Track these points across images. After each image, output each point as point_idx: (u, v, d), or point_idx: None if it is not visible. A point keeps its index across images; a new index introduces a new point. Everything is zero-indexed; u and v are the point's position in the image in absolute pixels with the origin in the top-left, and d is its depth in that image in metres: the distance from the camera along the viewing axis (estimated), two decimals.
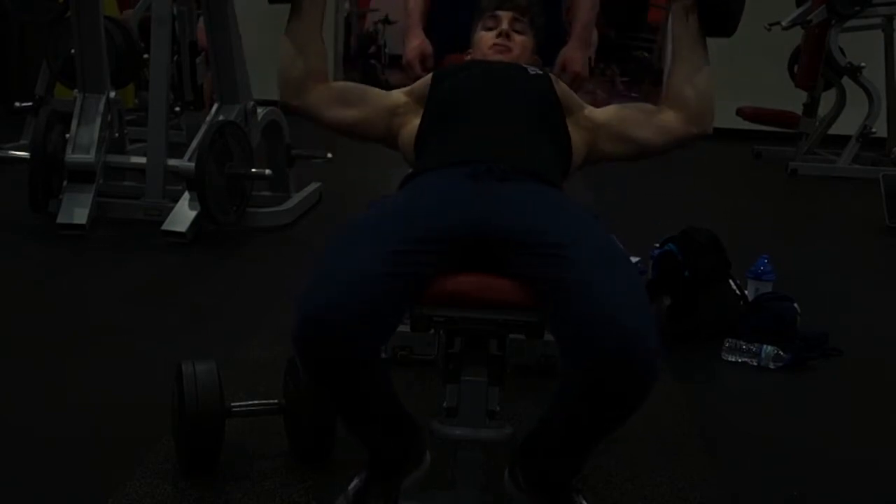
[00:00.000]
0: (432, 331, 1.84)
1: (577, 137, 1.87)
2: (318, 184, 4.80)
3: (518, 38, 2.03)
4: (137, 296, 3.18)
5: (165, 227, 3.83)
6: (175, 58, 4.67)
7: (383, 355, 2.41)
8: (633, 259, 3.16)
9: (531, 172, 1.71)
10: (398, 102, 1.93)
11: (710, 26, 1.73)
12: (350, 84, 1.95)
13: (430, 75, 1.96)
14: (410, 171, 1.84)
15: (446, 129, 1.82)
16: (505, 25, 2.03)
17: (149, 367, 2.45)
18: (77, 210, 3.88)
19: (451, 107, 1.85)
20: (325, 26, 1.96)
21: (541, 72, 1.95)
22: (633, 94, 7.28)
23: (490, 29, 2.05)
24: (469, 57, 2.10)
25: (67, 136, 4.00)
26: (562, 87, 1.93)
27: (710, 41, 1.86)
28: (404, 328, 1.70)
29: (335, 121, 1.91)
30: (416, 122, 1.88)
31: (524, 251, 1.53)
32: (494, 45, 2.02)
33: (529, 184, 1.68)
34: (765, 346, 2.76)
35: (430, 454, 1.71)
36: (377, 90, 1.98)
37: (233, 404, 1.98)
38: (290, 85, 1.90)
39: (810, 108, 6.83)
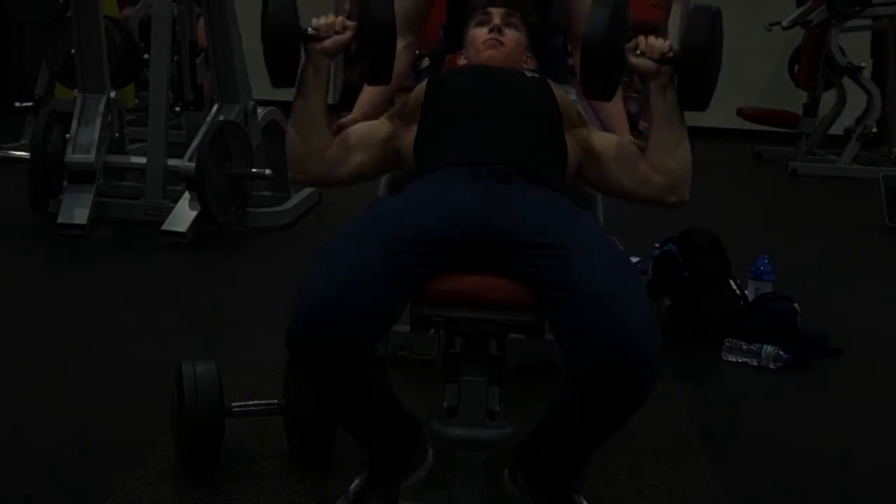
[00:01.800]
0: (432, 331, 1.84)
1: (572, 149, 1.87)
2: None
3: (511, 34, 2.02)
4: (137, 296, 3.18)
5: (165, 227, 3.83)
6: (175, 58, 4.67)
7: (382, 351, 2.43)
8: (634, 259, 3.16)
9: (532, 174, 1.71)
10: (388, 129, 1.92)
11: (686, 102, 1.77)
12: (343, 134, 1.95)
13: (423, 83, 1.96)
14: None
15: (446, 132, 1.82)
16: (497, 21, 2.02)
17: (149, 367, 2.46)
18: (77, 210, 3.88)
19: (450, 110, 1.85)
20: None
21: (538, 75, 1.95)
22: (633, 95, 7.30)
23: (482, 24, 2.04)
24: (463, 57, 2.09)
25: (67, 136, 4.00)
26: (560, 94, 1.92)
27: None
28: (404, 328, 1.71)
29: (346, 175, 1.92)
30: (413, 132, 1.87)
31: (525, 252, 1.54)
32: (486, 41, 2.00)
33: (530, 185, 1.68)
34: (765, 346, 2.76)
35: (432, 454, 1.70)
36: (367, 127, 1.96)
37: (233, 404, 1.98)
38: (295, 162, 1.91)
39: (810, 108, 6.83)
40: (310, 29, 1.82)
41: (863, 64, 6.54)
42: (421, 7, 2.23)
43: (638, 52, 1.78)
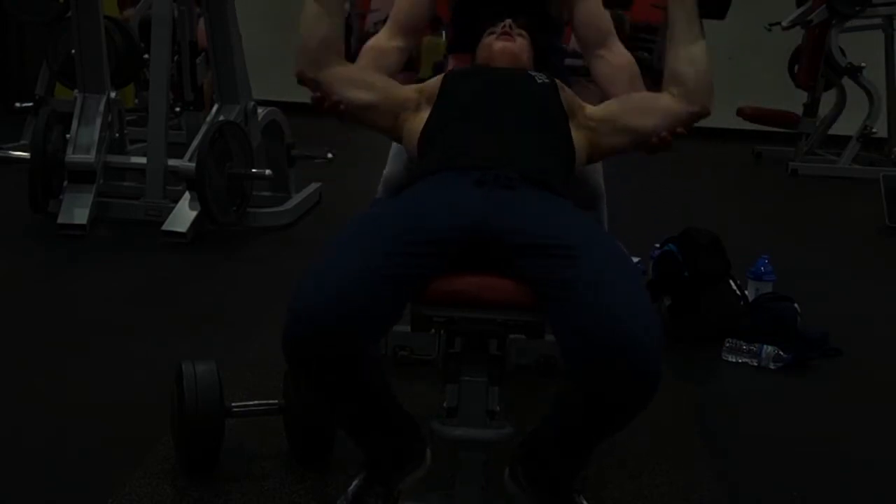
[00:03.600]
0: (432, 331, 1.84)
1: (579, 140, 1.88)
2: (318, 184, 4.81)
3: (519, 39, 2.06)
4: (137, 296, 3.18)
5: (166, 227, 3.84)
6: (175, 58, 4.68)
7: (382, 351, 2.43)
8: (634, 259, 3.16)
9: (536, 180, 1.71)
10: (409, 96, 1.93)
11: (705, 7, 1.77)
12: (367, 69, 1.95)
13: (440, 76, 1.97)
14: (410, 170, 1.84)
15: (453, 133, 1.82)
16: (507, 22, 2.06)
17: (149, 367, 2.46)
18: (77, 210, 3.89)
19: (459, 111, 1.86)
20: None
21: (547, 80, 1.95)
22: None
23: (493, 34, 2.07)
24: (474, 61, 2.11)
25: (67, 136, 4.01)
26: (566, 94, 1.93)
27: (711, 40, 1.87)
28: (404, 328, 1.71)
29: (349, 101, 1.88)
30: (423, 118, 1.88)
31: (525, 252, 1.54)
32: (500, 35, 2.03)
33: (534, 191, 1.68)
34: (765, 346, 2.76)
35: (431, 454, 1.70)
36: (391, 80, 1.98)
37: (233, 404, 1.98)
38: (308, 55, 1.86)
39: (810, 108, 6.83)
40: None
41: (863, 64, 6.54)
42: (418, 13, 2.21)
43: None
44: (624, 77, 2.08)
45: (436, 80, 1.95)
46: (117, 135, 4.28)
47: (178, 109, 5.13)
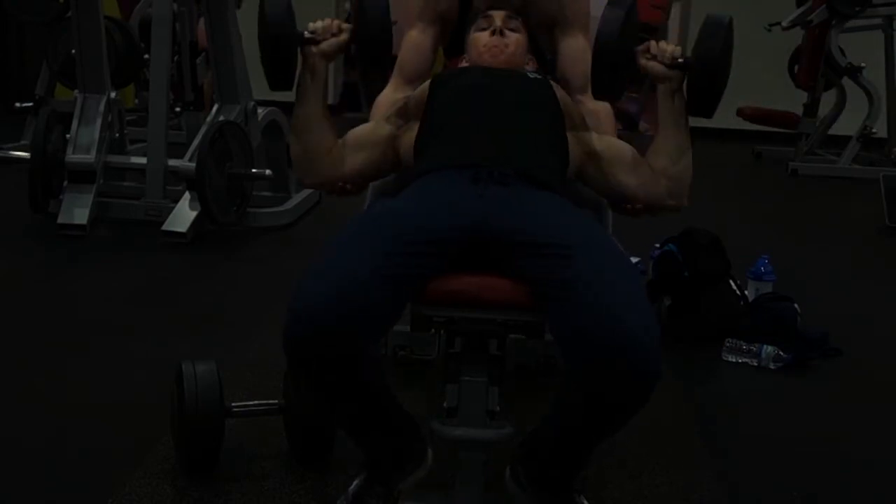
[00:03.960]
0: (432, 331, 1.84)
1: (574, 150, 1.87)
2: None
3: (512, 35, 2.02)
4: (138, 296, 3.18)
5: (166, 227, 3.84)
6: (175, 58, 4.67)
7: (382, 351, 2.43)
8: (634, 259, 3.16)
9: (532, 176, 1.71)
10: (388, 129, 1.93)
11: (694, 108, 1.79)
12: (349, 134, 1.96)
13: (427, 82, 1.96)
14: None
15: (447, 132, 1.82)
16: (498, 23, 2.02)
17: (149, 367, 2.45)
18: (77, 210, 3.89)
19: (452, 110, 1.85)
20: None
21: (541, 76, 1.95)
22: (633, 95, 7.31)
23: (483, 29, 2.04)
24: (464, 60, 2.09)
25: (67, 136, 4.01)
26: (562, 94, 1.92)
27: None
28: (404, 328, 1.71)
29: (350, 177, 1.93)
30: (414, 131, 1.88)
31: (524, 251, 1.54)
32: (488, 44, 2.00)
33: (530, 188, 1.68)
34: (765, 346, 2.76)
35: (432, 454, 1.70)
36: (368, 126, 1.98)
37: (233, 404, 1.98)
38: (301, 166, 1.94)
39: (810, 108, 6.83)
40: (306, 33, 1.82)
41: (863, 64, 6.53)
42: (423, 62, 2.17)
43: (649, 55, 1.79)
44: (600, 126, 2.03)
45: (422, 89, 1.93)
46: (117, 135, 4.27)
47: (178, 109, 5.12)
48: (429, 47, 2.17)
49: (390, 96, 2.12)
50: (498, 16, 2.03)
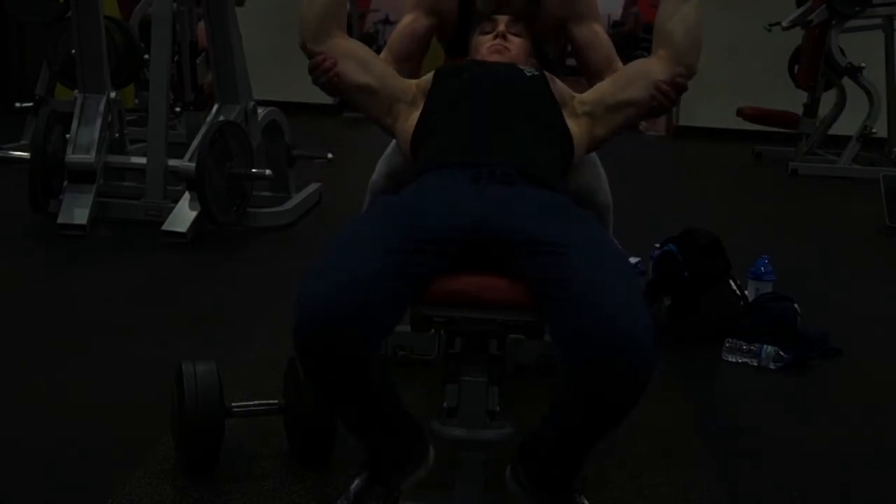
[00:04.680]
0: (432, 331, 1.84)
1: (576, 129, 1.88)
2: (318, 184, 4.81)
3: (515, 39, 2.03)
4: (137, 296, 3.18)
5: (166, 227, 3.83)
6: (175, 58, 4.67)
7: (383, 352, 2.43)
8: (633, 259, 3.17)
9: (532, 175, 1.71)
10: (406, 89, 1.93)
11: None
12: (369, 51, 1.94)
13: (432, 73, 1.96)
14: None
15: (447, 130, 1.82)
16: (501, 28, 2.03)
17: (149, 367, 2.45)
18: (77, 210, 3.88)
19: (452, 107, 1.85)
20: None
21: (537, 72, 1.95)
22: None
23: (487, 33, 2.05)
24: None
25: (67, 136, 4.00)
26: (557, 85, 1.94)
27: (711, 40, 1.87)
28: (404, 328, 1.71)
29: (345, 74, 1.88)
30: (415, 115, 1.88)
31: (524, 251, 1.54)
32: (491, 46, 2.01)
33: (531, 187, 1.69)
34: (765, 346, 2.76)
35: (433, 454, 1.70)
36: (390, 69, 1.98)
37: (233, 404, 1.98)
38: (310, 24, 1.87)
39: (810, 108, 6.83)
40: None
41: (863, 64, 6.53)
42: (415, 46, 2.19)
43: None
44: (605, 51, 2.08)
45: (426, 79, 1.95)
46: (117, 135, 4.27)
47: (178, 109, 5.12)
48: (420, 35, 2.19)
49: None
50: (502, 20, 2.05)
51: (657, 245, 3.16)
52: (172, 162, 4.03)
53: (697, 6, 1.87)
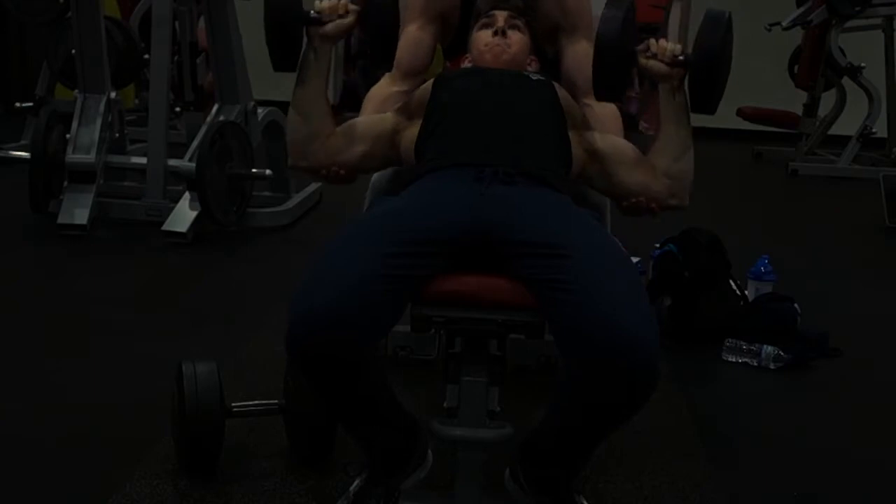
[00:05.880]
0: (432, 331, 1.84)
1: (576, 150, 1.87)
2: (318, 184, 4.80)
3: (514, 35, 2.01)
4: (138, 296, 3.18)
5: (166, 227, 3.83)
6: (175, 58, 4.67)
7: (382, 352, 2.43)
8: (634, 259, 3.16)
9: (535, 175, 1.71)
10: (395, 123, 1.92)
11: (696, 105, 1.79)
12: (349, 123, 1.95)
13: (430, 81, 1.96)
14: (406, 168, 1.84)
15: (449, 132, 1.81)
16: (501, 23, 2.02)
17: (149, 367, 2.45)
18: (77, 210, 3.88)
19: (454, 110, 1.84)
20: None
21: (543, 78, 1.94)
22: (633, 95, 7.31)
23: (486, 27, 2.04)
24: (467, 60, 2.09)
25: (68, 136, 4.00)
26: (563, 94, 1.92)
27: None
28: (404, 328, 1.71)
29: (346, 163, 1.90)
30: (416, 128, 1.87)
31: (525, 251, 1.54)
32: (490, 44, 1.99)
33: (533, 187, 1.68)
34: (765, 346, 2.76)
35: (433, 454, 1.70)
36: (372, 119, 1.98)
37: (233, 404, 1.98)
38: (295, 148, 1.91)
39: (810, 108, 6.83)
40: (312, 12, 1.81)
41: (863, 64, 6.53)
42: (422, 56, 2.16)
43: (649, 54, 1.79)
44: (607, 129, 2.03)
45: (425, 88, 1.93)
46: (117, 135, 4.27)
47: (178, 109, 5.12)
48: (427, 44, 2.16)
49: (385, 90, 2.12)
50: (501, 16, 2.03)
51: (657, 245, 3.16)
52: (172, 162, 4.03)
53: (692, 156, 1.87)
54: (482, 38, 2.01)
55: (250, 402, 2.05)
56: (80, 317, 2.93)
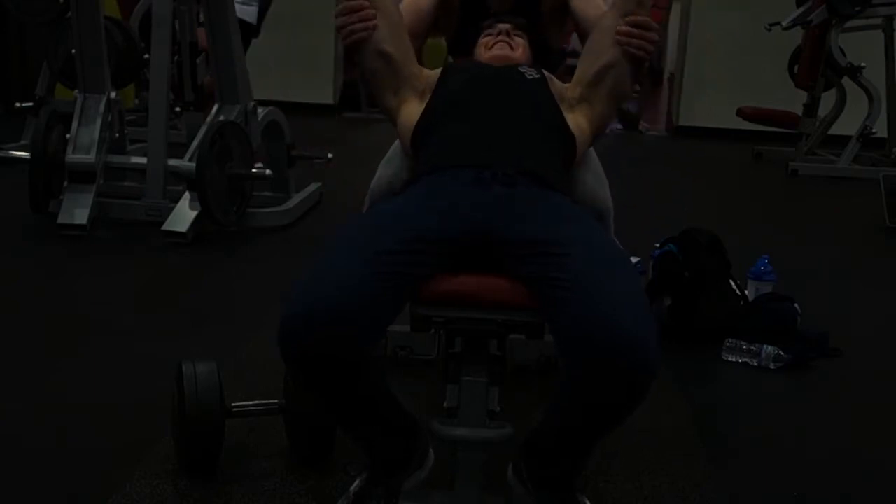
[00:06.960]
0: (432, 331, 1.84)
1: (577, 122, 1.88)
2: (318, 184, 4.81)
3: (519, 41, 2.07)
4: (138, 296, 3.18)
5: (166, 227, 3.84)
6: (175, 58, 4.67)
7: (383, 352, 2.43)
8: (634, 259, 3.16)
9: (534, 176, 1.71)
10: (420, 76, 1.93)
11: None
12: (402, 18, 1.93)
13: (442, 68, 1.97)
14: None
15: (449, 131, 1.82)
16: (506, 28, 2.06)
17: (149, 367, 2.45)
18: (77, 210, 3.88)
19: (454, 108, 1.85)
20: (325, 29, 1.94)
21: (538, 74, 1.96)
22: (633, 95, 7.40)
23: (490, 35, 2.08)
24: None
25: (68, 136, 4.00)
26: (556, 85, 1.94)
27: (713, 44, 1.88)
28: (404, 328, 1.71)
29: (377, 40, 1.85)
30: (419, 109, 1.88)
31: (524, 251, 1.54)
32: (497, 41, 2.03)
33: (533, 188, 1.69)
34: (765, 346, 2.76)
35: (433, 454, 1.71)
36: (412, 51, 1.97)
37: (233, 404, 1.98)
38: None
39: (810, 108, 6.83)
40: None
41: (863, 64, 6.53)
42: (418, 22, 2.19)
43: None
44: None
45: (435, 73, 1.95)
46: (117, 135, 4.27)
47: (178, 109, 5.12)
48: (425, 10, 2.19)
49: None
50: (504, 27, 2.08)
51: (657, 245, 3.16)
52: (172, 162, 4.03)
53: None
54: (486, 43, 2.06)
55: (250, 402, 2.05)
56: (80, 317, 2.93)
